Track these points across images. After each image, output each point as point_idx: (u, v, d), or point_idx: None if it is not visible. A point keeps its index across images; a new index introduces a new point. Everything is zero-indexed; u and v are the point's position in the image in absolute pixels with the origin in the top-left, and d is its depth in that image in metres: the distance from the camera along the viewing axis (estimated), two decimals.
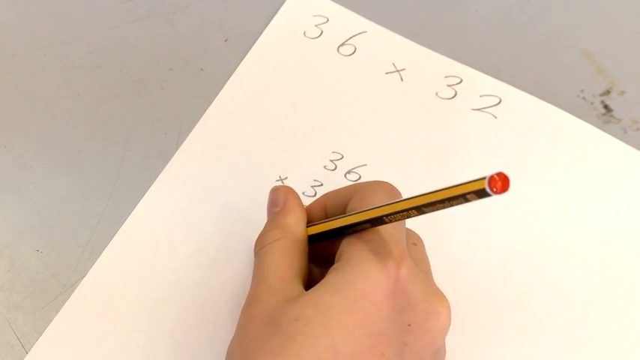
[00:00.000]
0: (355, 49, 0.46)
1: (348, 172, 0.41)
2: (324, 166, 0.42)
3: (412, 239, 0.33)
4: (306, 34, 0.46)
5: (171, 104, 0.44)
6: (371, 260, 0.29)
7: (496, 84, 0.44)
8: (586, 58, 0.45)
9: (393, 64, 0.45)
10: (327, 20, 0.46)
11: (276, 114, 0.43)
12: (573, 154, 0.42)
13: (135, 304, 0.37)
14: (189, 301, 0.37)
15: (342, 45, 0.46)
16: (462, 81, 0.44)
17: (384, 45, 0.46)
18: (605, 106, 0.44)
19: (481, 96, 0.44)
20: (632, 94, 0.45)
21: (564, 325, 0.37)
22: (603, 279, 0.39)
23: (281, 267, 0.32)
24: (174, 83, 0.45)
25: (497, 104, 0.44)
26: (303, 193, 0.40)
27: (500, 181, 0.23)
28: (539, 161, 0.42)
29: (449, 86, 0.44)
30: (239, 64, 0.45)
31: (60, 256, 0.39)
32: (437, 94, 0.44)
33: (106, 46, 0.46)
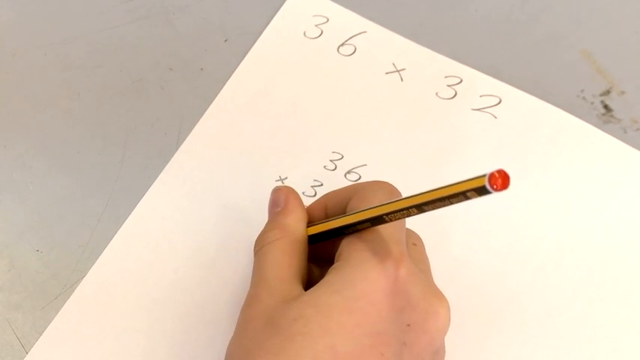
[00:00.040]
0: (355, 49, 0.46)
1: (348, 172, 0.41)
2: (324, 166, 0.42)
3: (412, 239, 0.33)
4: (306, 34, 0.46)
5: (171, 104, 0.44)
6: (370, 260, 0.29)
7: (496, 84, 0.44)
8: (586, 58, 0.45)
9: (393, 64, 0.45)
10: (327, 20, 0.46)
11: (276, 114, 0.43)
12: (573, 154, 0.42)
13: (135, 304, 0.37)
14: (189, 301, 0.37)
15: (342, 45, 0.46)
16: (462, 81, 0.44)
17: (384, 45, 0.46)
18: (605, 106, 0.44)
19: (481, 96, 0.44)
20: (632, 94, 0.44)
21: (564, 325, 0.37)
22: (603, 279, 0.38)
23: (280, 267, 0.32)
24: (174, 83, 0.45)
25: (497, 104, 0.43)
26: (303, 193, 0.40)
27: (501, 178, 0.23)
28: (539, 161, 0.42)
29: (449, 86, 0.44)
30: (239, 64, 0.45)
31: (60, 256, 0.39)
32: (437, 94, 0.44)
33: (106, 46, 0.46)
